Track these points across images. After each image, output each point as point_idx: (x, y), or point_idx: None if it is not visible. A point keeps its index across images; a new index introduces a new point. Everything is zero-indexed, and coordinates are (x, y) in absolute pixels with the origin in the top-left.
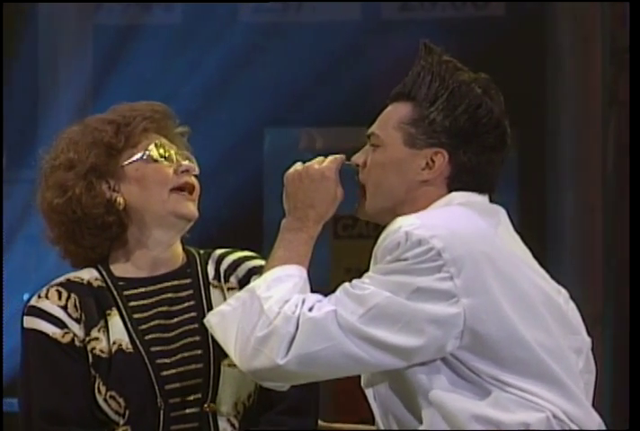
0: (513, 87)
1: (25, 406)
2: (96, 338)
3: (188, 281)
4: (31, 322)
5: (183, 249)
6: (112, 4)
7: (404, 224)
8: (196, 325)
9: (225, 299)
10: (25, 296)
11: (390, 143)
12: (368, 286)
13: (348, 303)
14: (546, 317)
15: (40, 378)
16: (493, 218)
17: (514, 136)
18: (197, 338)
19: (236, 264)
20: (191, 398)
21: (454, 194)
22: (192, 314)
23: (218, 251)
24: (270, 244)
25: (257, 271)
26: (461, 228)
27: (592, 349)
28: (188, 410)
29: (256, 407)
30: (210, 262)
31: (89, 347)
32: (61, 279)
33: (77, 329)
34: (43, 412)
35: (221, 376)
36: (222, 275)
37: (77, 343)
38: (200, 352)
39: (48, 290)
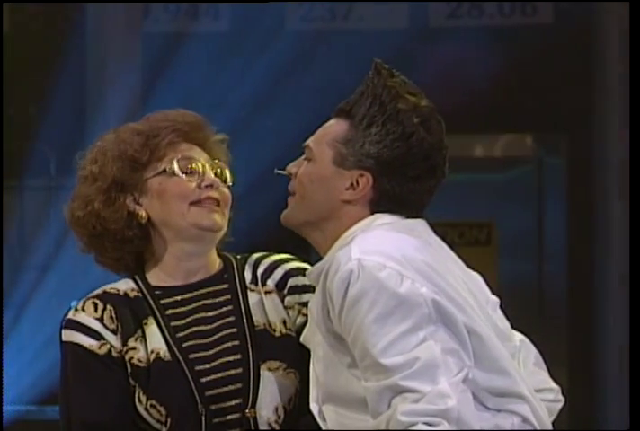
0: (561, 94)
1: (65, 418)
2: (134, 348)
3: (225, 286)
4: (69, 335)
5: (219, 254)
6: (160, 12)
7: (352, 254)
8: (234, 329)
9: (262, 303)
10: (73, 303)
11: (320, 159)
12: (394, 356)
13: (406, 376)
14: (485, 324)
15: (79, 390)
16: (415, 232)
17: (562, 144)
18: (236, 343)
19: (273, 267)
20: (232, 403)
21: (376, 215)
22: (230, 319)
23: (255, 255)
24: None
25: (294, 274)
26: (398, 247)
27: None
28: (229, 416)
29: (297, 410)
30: (247, 267)
31: (127, 357)
32: (98, 291)
33: (114, 339)
34: (83, 424)
35: (261, 381)
36: (259, 278)
37: (115, 354)
38: (239, 357)
39: (84, 303)
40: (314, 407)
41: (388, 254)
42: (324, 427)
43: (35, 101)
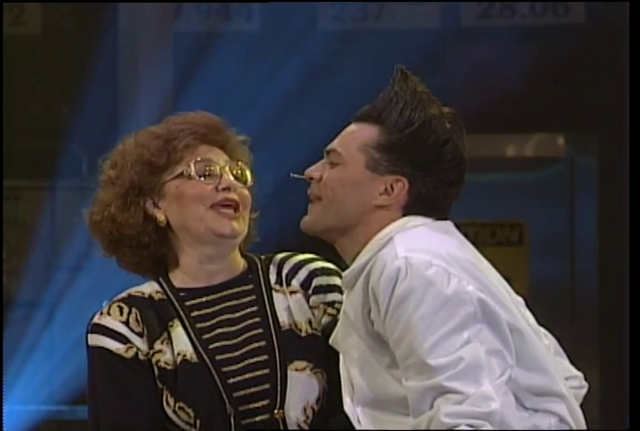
0: (593, 94)
1: (94, 422)
2: (160, 351)
3: (250, 287)
4: (95, 340)
5: (243, 255)
6: (192, 12)
7: (398, 252)
8: (260, 330)
9: (288, 303)
10: (105, 303)
11: (351, 163)
12: (458, 351)
13: (456, 377)
14: (521, 323)
15: (107, 394)
16: (449, 233)
17: (594, 144)
18: (262, 344)
19: (297, 267)
20: (260, 404)
21: (408, 217)
22: (256, 320)
23: (279, 256)
24: None
25: (318, 273)
26: (441, 246)
27: None
28: (258, 417)
29: (325, 410)
30: (272, 267)
31: (154, 360)
32: (123, 295)
33: (140, 342)
34: (112, 427)
35: (288, 381)
36: (284, 279)
37: (141, 357)
38: (265, 357)
39: (109, 306)
40: (348, 410)
41: (434, 252)
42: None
43: (67, 100)
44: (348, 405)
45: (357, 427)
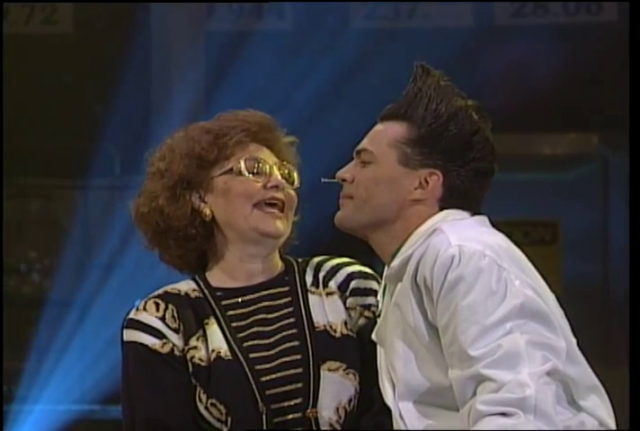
0: (626, 92)
1: (129, 416)
2: (195, 347)
3: (286, 289)
4: (131, 335)
5: (281, 257)
6: (224, 11)
7: (451, 241)
8: (295, 330)
9: (323, 304)
10: (137, 301)
11: (384, 160)
12: (499, 340)
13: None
14: (560, 320)
15: (142, 388)
16: (489, 228)
17: (628, 143)
18: (296, 344)
19: (335, 269)
20: (292, 403)
21: (447, 211)
22: (291, 320)
23: (316, 259)
24: None
25: (356, 276)
26: (490, 237)
27: None
28: (290, 416)
29: (357, 411)
30: (309, 270)
31: (188, 356)
32: (159, 291)
33: (176, 338)
34: (146, 422)
35: (321, 381)
36: (321, 281)
37: (177, 353)
38: (299, 357)
39: (145, 302)
40: (391, 404)
41: (486, 243)
42: (402, 427)
43: (100, 100)
44: (390, 398)
45: (398, 421)
